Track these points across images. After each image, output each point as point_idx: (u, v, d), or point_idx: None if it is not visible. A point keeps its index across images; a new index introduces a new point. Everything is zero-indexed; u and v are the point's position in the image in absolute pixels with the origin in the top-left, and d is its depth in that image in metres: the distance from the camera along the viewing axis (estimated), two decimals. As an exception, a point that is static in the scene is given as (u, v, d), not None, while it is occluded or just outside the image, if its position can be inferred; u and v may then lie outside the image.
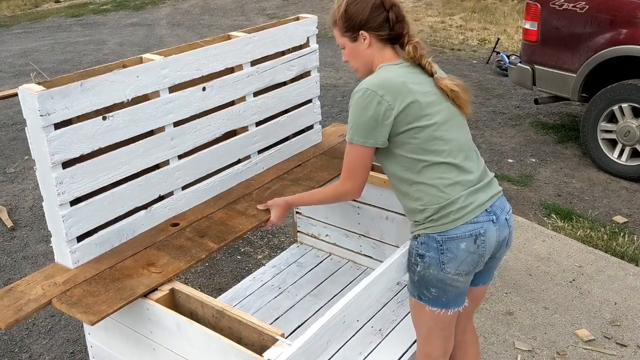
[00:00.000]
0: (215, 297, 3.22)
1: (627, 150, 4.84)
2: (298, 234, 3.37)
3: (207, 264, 3.84)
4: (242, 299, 2.94)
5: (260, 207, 2.44)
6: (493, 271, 2.23)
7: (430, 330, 2.15)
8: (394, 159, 2.02)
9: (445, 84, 2.01)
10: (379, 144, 1.98)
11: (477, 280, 2.19)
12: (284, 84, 2.84)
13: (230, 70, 2.56)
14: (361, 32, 2.04)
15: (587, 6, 4.85)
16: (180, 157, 2.41)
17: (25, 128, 1.99)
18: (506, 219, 2.08)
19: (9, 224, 4.40)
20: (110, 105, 2.12)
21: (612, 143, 4.95)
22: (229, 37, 2.59)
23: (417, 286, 2.09)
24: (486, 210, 2.02)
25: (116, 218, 2.23)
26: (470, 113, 2.08)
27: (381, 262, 2.85)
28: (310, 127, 3.05)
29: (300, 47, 2.88)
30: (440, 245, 1.99)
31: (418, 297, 2.10)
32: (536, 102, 5.65)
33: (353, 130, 1.99)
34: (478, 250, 2.00)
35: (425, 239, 2.02)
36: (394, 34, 2.04)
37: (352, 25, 2.05)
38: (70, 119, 2.01)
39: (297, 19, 2.86)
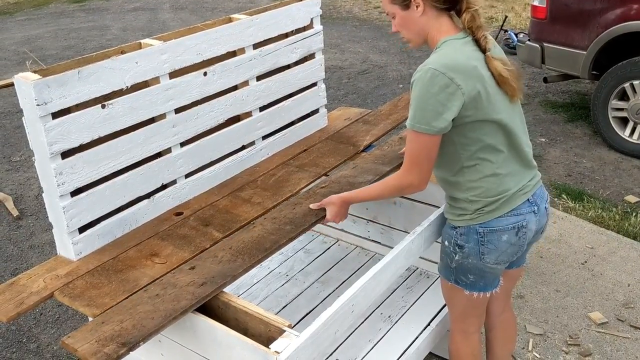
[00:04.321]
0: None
1: (638, 128, 4.75)
2: (305, 219, 3.33)
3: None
4: (249, 287, 2.91)
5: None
6: (526, 254, 2.21)
7: (465, 311, 2.16)
8: (452, 147, 1.90)
9: (495, 67, 1.83)
10: (445, 130, 1.81)
11: (512, 264, 2.19)
12: (288, 67, 2.78)
13: (232, 54, 2.50)
14: None
15: (597, -19, 4.74)
16: (182, 144, 2.36)
17: (23, 118, 1.95)
18: (545, 207, 2.05)
19: (15, 213, 4.39)
20: (109, 93, 2.07)
21: (623, 121, 4.86)
22: (230, 20, 2.52)
23: (454, 272, 2.07)
24: (528, 200, 1.97)
25: (118, 208, 2.19)
26: (518, 99, 1.92)
27: (390, 247, 2.81)
28: (315, 111, 2.99)
29: (304, 29, 2.81)
30: (481, 237, 1.95)
31: (455, 281, 2.09)
32: (545, 80, 5.55)
33: (416, 115, 1.80)
34: (519, 242, 1.98)
35: (465, 230, 1.98)
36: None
37: None
38: (68, 107, 1.96)
39: (300, -1, 2.79)
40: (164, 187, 2.33)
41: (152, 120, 2.24)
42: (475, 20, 1.84)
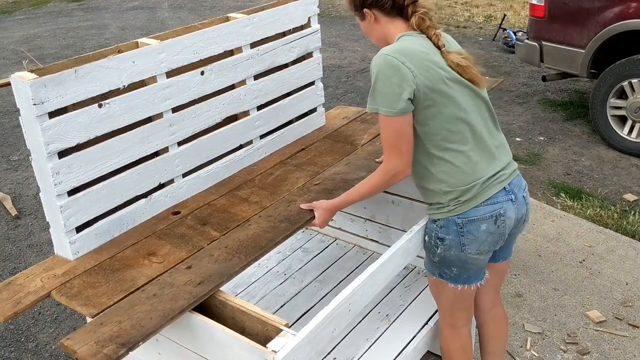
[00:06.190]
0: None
1: (637, 126, 4.75)
2: (303, 218, 3.33)
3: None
4: (247, 286, 2.91)
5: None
6: (511, 246, 2.24)
7: (453, 304, 2.19)
8: (417, 138, 1.96)
9: (452, 59, 1.93)
10: (407, 110, 1.89)
11: (497, 257, 2.21)
12: (286, 66, 2.78)
13: (230, 53, 2.50)
14: (365, 10, 2.01)
15: (596, -21, 4.74)
16: (179, 143, 2.36)
17: (20, 117, 1.94)
18: (523, 196, 2.08)
19: (14, 212, 4.38)
20: (106, 92, 2.06)
21: (622, 119, 4.86)
22: (227, 19, 2.52)
23: (438, 266, 2.10)
24: (504, 188, 2.01)
25: (116, 207, 2.19)
26: (482, 85, 2.00)
27: (387, 246, 2.81)
28: (313, 110, 2.99)
29: (301, 28, 2.81)
30: (461, 228, 1.99)
31: (439, 275, 2.12)
32: (544, 79, 5.55)
33: (377, 99, 1.90)
34: (498, 230, 2.01)
35: (444, 223, 2.01)
36: (397, 5, 1.97)
37: (356, 4, 2.04)
38: (65, 107, 1.96)
39: (298, -2, 2.79)
40: (161, 186, 2.33)
41: (149, 120, 2.24)
42: (425, 22, 1.95)
